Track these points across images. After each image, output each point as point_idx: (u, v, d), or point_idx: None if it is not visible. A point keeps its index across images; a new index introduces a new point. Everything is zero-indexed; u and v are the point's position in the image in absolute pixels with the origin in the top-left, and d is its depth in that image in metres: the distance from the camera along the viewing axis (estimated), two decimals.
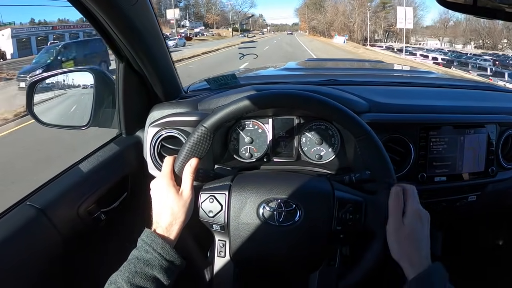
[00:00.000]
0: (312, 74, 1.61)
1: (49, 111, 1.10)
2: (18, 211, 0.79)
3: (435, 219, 1.43)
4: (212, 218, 0.75)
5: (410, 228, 0.69)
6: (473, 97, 1.26)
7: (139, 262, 0.63)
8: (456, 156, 1.03)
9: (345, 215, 0.74)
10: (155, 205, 0.72)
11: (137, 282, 0.60)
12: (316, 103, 0.75)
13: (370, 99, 1.04)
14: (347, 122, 0.76)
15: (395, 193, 0.71)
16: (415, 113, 1.02)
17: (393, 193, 0.71)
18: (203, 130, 0.74)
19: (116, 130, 1.10)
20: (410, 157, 0.98)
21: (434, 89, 1.32)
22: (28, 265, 0.76)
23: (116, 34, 0.87)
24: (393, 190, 0.71)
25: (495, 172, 1.06)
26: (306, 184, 0.78)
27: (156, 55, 1.00)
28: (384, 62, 2.45)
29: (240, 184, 0.77)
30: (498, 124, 1.06)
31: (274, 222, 0.73)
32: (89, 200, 0.91)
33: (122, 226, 1.03)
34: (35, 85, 1.04)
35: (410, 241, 0.68)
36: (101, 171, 0.97)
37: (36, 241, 0.79)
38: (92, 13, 0.82)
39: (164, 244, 0.65)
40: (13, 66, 15.87)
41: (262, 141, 1.02)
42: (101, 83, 1.06)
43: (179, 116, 0.99)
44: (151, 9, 0.91)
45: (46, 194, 0.85)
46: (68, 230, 0.85)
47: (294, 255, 0.76)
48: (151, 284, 0.61)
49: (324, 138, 1.00)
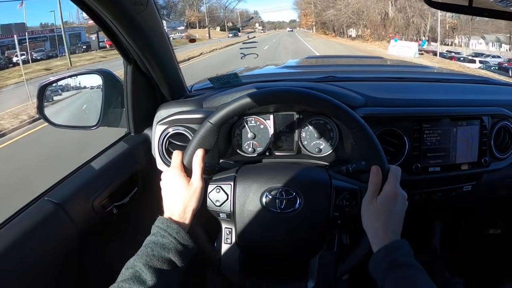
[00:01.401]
0: (311, 72, 1.66)
1: (59, 113, 1.15)
2: (37, 206, 0.84)
3: (432, 210, 1.49)
4: (219, 207, 0.82)
5: (380, 206, 0.74)
6: (467, 91, 1.31)
7: (156, 246, 0.67)
8: (450, 147, 1.08)
9: (342, 202, 0.80)
10: (166, 195, 0.77)
11: (154, 265, 0.65)
12: (313, 98, 0.81)
13: (366, 94, 1.09)
14: (341, 116, 0.82)
15: (375, 172, 0.77)
16: (409, 106, 1.08)
17: (373, 171, 0.77)
18: (209, 125, 0.80)
19: (125, 129, 1.16)
20: (405, 149, 1.04)
21: (429, 83, 1.38)
22: (47, 257, 0.81)
23: (125, 38, 0.94)
24: (373, 169, 0.77)
25: (488, 162, 1.11)
26: (305, 174, 0.85)
27: (162, 57, 1.06)
28: (383, 58, 2.49)
29: (244, 175, 0.84)
30: (490, 116, 1.11)
31: (276, 209, 0.80)
32: (103, 195, 0.97)
33: (133, 219, 1.09)
34: (45, 88, 1.09)
35: (378, 217, 0.73)
36: (112, 168, 1.02)
37: (54, 234, 0.84)
38: (102, 19, 0.88)
39: (179, 229, 0.70)
40: None
41: (264, 136, 1.08)
42: (109, 84, 1.12)
43: (185, 114, 1.05)
44: (158, 14, 0.97)
45: (63, 189, 0.91)
46: (84, 223, 0.90)
47: (295, 239, 0.82)
48: (167, 266, 0.66)
49: (323, 132, 1.06)
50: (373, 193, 0.75)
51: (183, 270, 0.70)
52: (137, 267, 0.64)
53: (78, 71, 1.15)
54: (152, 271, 0.63)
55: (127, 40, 0.94)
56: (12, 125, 7.18)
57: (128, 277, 0.62)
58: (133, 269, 0.64)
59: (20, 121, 7.44)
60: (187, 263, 0.71)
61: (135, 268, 0.64)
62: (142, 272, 0.63)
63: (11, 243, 0.74)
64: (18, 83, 13.23)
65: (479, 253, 1.54)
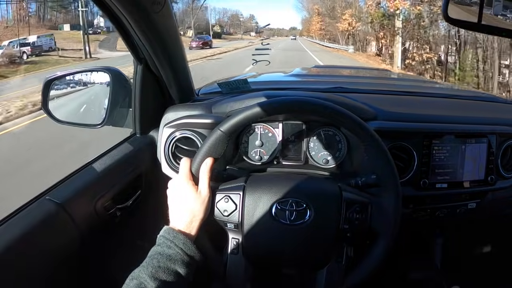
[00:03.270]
0: (319, 81, 1.66)
1: (64, 109, 1.14)
2: (38, 205, 0.83)
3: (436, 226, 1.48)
4: (227, 217, 0.80)
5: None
6: (476, 108, 1.32)
7: (162, 257, 0.66)
8: (457, 164, 1.08)
9: (352, 214, 0.80)
10: (173, 204, 0.76)
11: (160, 277, 0.63)
12: (329, 110, 0.81)
13: (377, 107, 1.10)
14: (356, 129, 0.82)
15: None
16: (419, 122, 1.08)
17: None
18: (220, 133, 0.80)
19: (130, 129, 1.15)
20: (413, 164, 1.04)
21: (438, 99, 1.39)
22: (46, 258, 0.80)
23: (138, 36, 0.93)
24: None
25: (494, 181, 1.12)
26: (315, 186, 0.85)
27: (174, 58, 1.06)
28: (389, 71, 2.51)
29: (253, 184, 0.83)
30: (498, 134, 1.12)
31: (286, 221, 0.79)
32: (106, 197, 0.95)
33: (135, 222, 1.08)
34: (51, 83, 1.08)
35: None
36: (116, 169, 1.01)
37: (54, 234, 0.82)
38: (117, 15, 0.87)
39: (186, 240, 0.69)
40: None
41: (272, 144, 1.07)
42: (117, 83, 1.10)
43: (193, 118, 1.05)
44: (173, 15, 0.97)
45: (65, 189, 0.89)
46: (85, 224, 0.89)
47: (303, 252, 0.82)
48: (173, 278, 0.65)
49: (331, 143, 1.05)
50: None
51: (190, 281, 0.69)
52: (142, 278, 0.63)
53: (86, 67, 1.14)
54: (158, 283, 0.63)
55: (140, 39, 0.94)
56: None
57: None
58: (138, 280, 0.63)
59: None
60: (193, 274, 0.70)
61: (140, 280, 0.63)
62: (147, 283, 0.62)
63: (9, 242, 0.73)
64: None
65: (480, 270, 1.54)
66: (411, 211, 1.12)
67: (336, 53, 24.73)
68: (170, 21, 0.97)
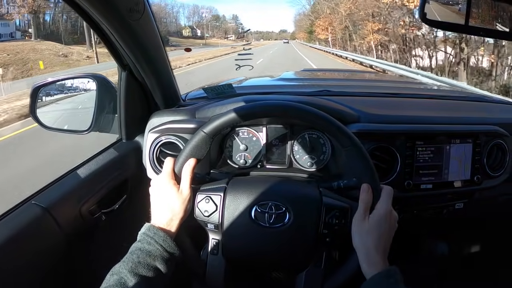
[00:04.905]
0: (306, 85, 1.67)
1: (52, 115, 1.15)
2: (24, 209, 0.84)
3: (423, 227, 1.48)
4: (207, 218, 0.82)
5: (372, 225, 0.74)
6: (461, 108, 1.33)
7: (142, 253, 0.68)
8: (442, 164, 1.09)
9: (332, 219, 0.80)
10: (155, 201, 0.78)
11: (139, 272, 0.65)
12: (307, 114, 0.82)
13: (360, 110, 1.11)
14: (335, 132, 0.83)
15: (365, 189, 0.78)
16: (402, 123, 1.09)
17: (363, 189, 0.78)
18: (203, 135, 0.81)
19: (116, 135, 1.16)
20: (397, 165, 1.05)
21: (423, 100, 1.39)
22: (32, 262, 0.81)
23: (120, 45, 0.95)
24: (363, 187, 0.78)
25: (481, 180, 1.12)
26: (296, 190, 0.86)
27: (157, 65, 1.08)
28: (379, 73, 2.52)
29: (234, 187, 0.84)
30: (483, 134, 1.12)
31: (265, 223, 0.80)
32: (91, 201, 0.97)
33: (121, 226, 1.09)
34: (39, 90, 1.09)
35: (369, 236, 0.73)
36: (102, 174, 1.02)
37: (40, 238, 0.83)
38: (98, 24, 0.89)
39: (166, 237, 0.71)
40: None
41: (256, 148, 1.09)
42: (103, 89, 1.12)
43: (177, 124, 1.06)
44: (154, 21, 0.98)
45: (51, 193, 0.90)
46: (71, 229, 0.90)
47: (282, 254, 0.83)
48: (152, 273, 0.66)
49: (315, 147, 1.06)
50: (364, 211, 0.76)
51: (168, 277, 0.70)
52: (122, 273, 0.64)
53: (73, 74, 1.16)
54: (137, 278, 0.64)
55: (122, 46, 0.95)
56: None
57: (112, 284, 0.63)
58: (118, 275, 0.64)
59: None
60: (172, 271, 0.71)
61: (120, 275, 0.64)
62: (127, 278, 0.64)
63: None
64: None
65: (470, 270, 1.54)
66: (397, 212, 1.12)
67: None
68: (151, 29, 0.99)
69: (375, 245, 0.72)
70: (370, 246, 0.72)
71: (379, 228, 0.74)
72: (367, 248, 0.72)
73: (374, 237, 0.73)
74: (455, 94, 1.64)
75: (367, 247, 0.73)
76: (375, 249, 0.72)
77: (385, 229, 0.74)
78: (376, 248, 0.72)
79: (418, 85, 1.84)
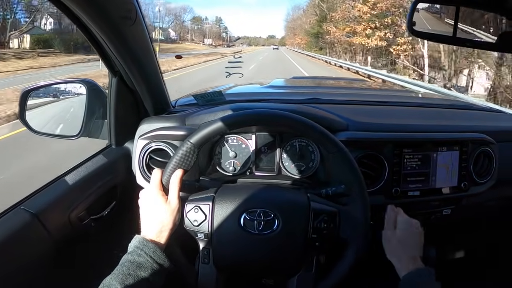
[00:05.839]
0: (296, 92, 1.69)
1: (41, 120, 1.15)
2: (12, 215, 0.84)
3: None
4: (197, 227, 0.83)
5: (400, 234, 0.87)
6: (448, 117, 1.36)
7: (132, 265, 0.68)
8: (429, 171, 1.11)
9: (320, 224, 0.82)
10: (144, 213, 0.78)
11: (130, 284, 0.65)
12: (293, 122, 0.84)
13: (349, 118, 1.13)
14: (321, 140, 0.85)
15: (390, 207, 0.95)
16: (390, 131, 1.11)
17: (388, 207, 0.95)
18: (189, 145, 0.82)
19: (106, 141, 1.16)
20: (384, 173, 1.07)
21: (412, 108, 1.42)
22: (21, 268, 0.80)
23: (112, 51, 0.95)
24: (389, 207, 0.95)
25: (468, 187, 1.15)
26: (284, 196, 0.88)
27: (148, 72, 1.08)
28: (368, 81, 2.55)
29: (223, 195, 0.85)
30: (470, 142, 1.15)
31: (254, 231, 0.81)
32: (80, 207, 0.96)
33: (110, 233, 1.09)
34: (28, 94, 1.09)
35: (399, 244, 0.86)
36: (91, 180, 1.02)
37: (29, 244, 0.83)
38: (90, 30, 0.90)
39: (155, 248, 0.71)
40: None
41: (245, 155, 1.10)
42: (93, 95, 1.12)
43: (167, 130, 1.07)
44: (145, 29, 0.98)
45: (39, 199, 0.90)
46: (60, 235, 0.90)
47: (273, 261, 0.84)
48: (143, 285, 0.67)
49: (304, 154, 1.08)
50: (392, 224, 0.90)
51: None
52: (112, 286, 0.65)
53: (63, 79, 1.16)
54: None
55: (113, 53, 0.96)
56: None
57: None
58: (109, 287, 0.64)
59: None
60: (164, 282, 0.71)
61: (111, 287, 0.64)
62: None
63: None
64: None
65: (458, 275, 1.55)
66: None
67: None
68: (143, 35, 1.00)
69: (404, 250, 0.84)
70: (401, 251, 0.84)
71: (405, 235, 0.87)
72: (398, 254, 0.84)
73: (401, 243, 0.85)
74: (442, 102, 1.67)
75: (398, 254, 0.84)
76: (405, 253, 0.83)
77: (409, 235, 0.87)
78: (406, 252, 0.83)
79: (406, 93, 1.87)
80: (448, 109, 1.48)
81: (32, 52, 27.29)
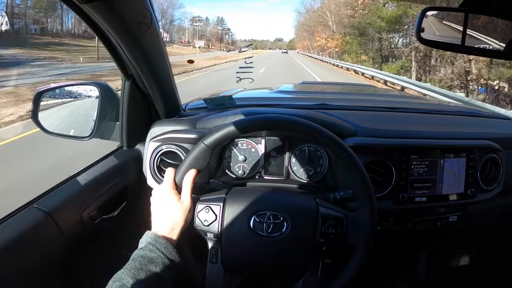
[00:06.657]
0: (304, 98, 1.71)
1: (53, 120, 1.17)
2: (26, 213, 0.86)
3: (418, 238, 1.50)
4: (207, 227, 0.85)
5: None
6: (456, 123, 1.37)
7: (143, 259, 0.70)
8: (436, 178, 1.12)
9: (328, 229, 0.84)
10: (156, 211, 0.80)
11: (142, 278, 0.67)
12: (303, 127, 0.86)
13: (357, 124, 1.15)
14: (330, 145, 0.87)
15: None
16: (398, 138, 1.12)
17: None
18: (203, 146, 0.84)
19: (117, 142, 1.19)
20: (392, 179, 1.08)
21: (420, 115, 1.43)
22: (32, 265, 0.82)
23: (126, 55, 0.98)
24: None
25: (474, 194, 1.15)
26: (293, 200, 0.90)
27: (161, 76, 1.11)
28: (376, 87, 2.55)
29: (234, 197, 0.87)
30: (477, 148, 1.16)
31: (263, 233, 0.83)
32: (92, 207, 0.99)
33: (120, 233, 1.12)
34: (41, 95, 1.12)
35: None
36: (103, 181, 1.05)
37: (42, 242, 0.85)
38: (105, 34, 0.93)
39: (167, 244, 0.73)
40: None
41: (254, 159, 1.12)
42: (105, 97, 1.15)
43: (178, 133, 1.09)
44: (160, 34, 1.01)
45: (52, 198, 0.92)
46: (72, 233, 0.92)
47: (280, 263, 0.85)
48: (154, 280, 0.68)
49: (313, 159, 1.10)
50: None
51: (169, 285, 0.72)
52: (124, 280, 0.66)
53: (76, 81, 1.19)
54: (139, 285, 0.66)
55: (128, 57, 0.98)
56: None
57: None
58: (120, 282, 0.66)
59: None
60: (173, 278, 0.73)
61: (122, 281, 0.66)
62: (129, 285, 0.65)
63: None
64: None
65: (464, 281, 1.55)
66: (392, 224, 1.15)
67: None
68: (157, 40, 1.02)
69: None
70: None
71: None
72: None
73: None
74: (450, 109, 1.68)
75: None
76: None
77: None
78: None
79: (414, 99, 1.87)
80: (456, 115, 1.49)
81: None
